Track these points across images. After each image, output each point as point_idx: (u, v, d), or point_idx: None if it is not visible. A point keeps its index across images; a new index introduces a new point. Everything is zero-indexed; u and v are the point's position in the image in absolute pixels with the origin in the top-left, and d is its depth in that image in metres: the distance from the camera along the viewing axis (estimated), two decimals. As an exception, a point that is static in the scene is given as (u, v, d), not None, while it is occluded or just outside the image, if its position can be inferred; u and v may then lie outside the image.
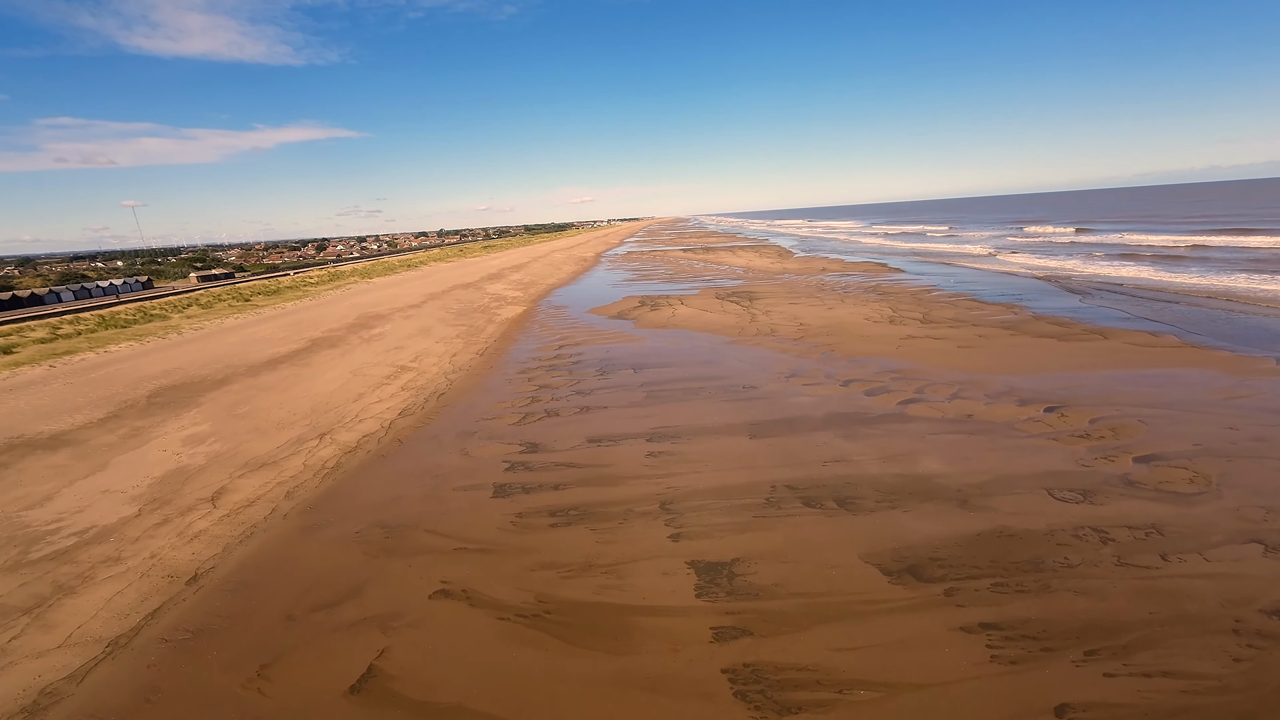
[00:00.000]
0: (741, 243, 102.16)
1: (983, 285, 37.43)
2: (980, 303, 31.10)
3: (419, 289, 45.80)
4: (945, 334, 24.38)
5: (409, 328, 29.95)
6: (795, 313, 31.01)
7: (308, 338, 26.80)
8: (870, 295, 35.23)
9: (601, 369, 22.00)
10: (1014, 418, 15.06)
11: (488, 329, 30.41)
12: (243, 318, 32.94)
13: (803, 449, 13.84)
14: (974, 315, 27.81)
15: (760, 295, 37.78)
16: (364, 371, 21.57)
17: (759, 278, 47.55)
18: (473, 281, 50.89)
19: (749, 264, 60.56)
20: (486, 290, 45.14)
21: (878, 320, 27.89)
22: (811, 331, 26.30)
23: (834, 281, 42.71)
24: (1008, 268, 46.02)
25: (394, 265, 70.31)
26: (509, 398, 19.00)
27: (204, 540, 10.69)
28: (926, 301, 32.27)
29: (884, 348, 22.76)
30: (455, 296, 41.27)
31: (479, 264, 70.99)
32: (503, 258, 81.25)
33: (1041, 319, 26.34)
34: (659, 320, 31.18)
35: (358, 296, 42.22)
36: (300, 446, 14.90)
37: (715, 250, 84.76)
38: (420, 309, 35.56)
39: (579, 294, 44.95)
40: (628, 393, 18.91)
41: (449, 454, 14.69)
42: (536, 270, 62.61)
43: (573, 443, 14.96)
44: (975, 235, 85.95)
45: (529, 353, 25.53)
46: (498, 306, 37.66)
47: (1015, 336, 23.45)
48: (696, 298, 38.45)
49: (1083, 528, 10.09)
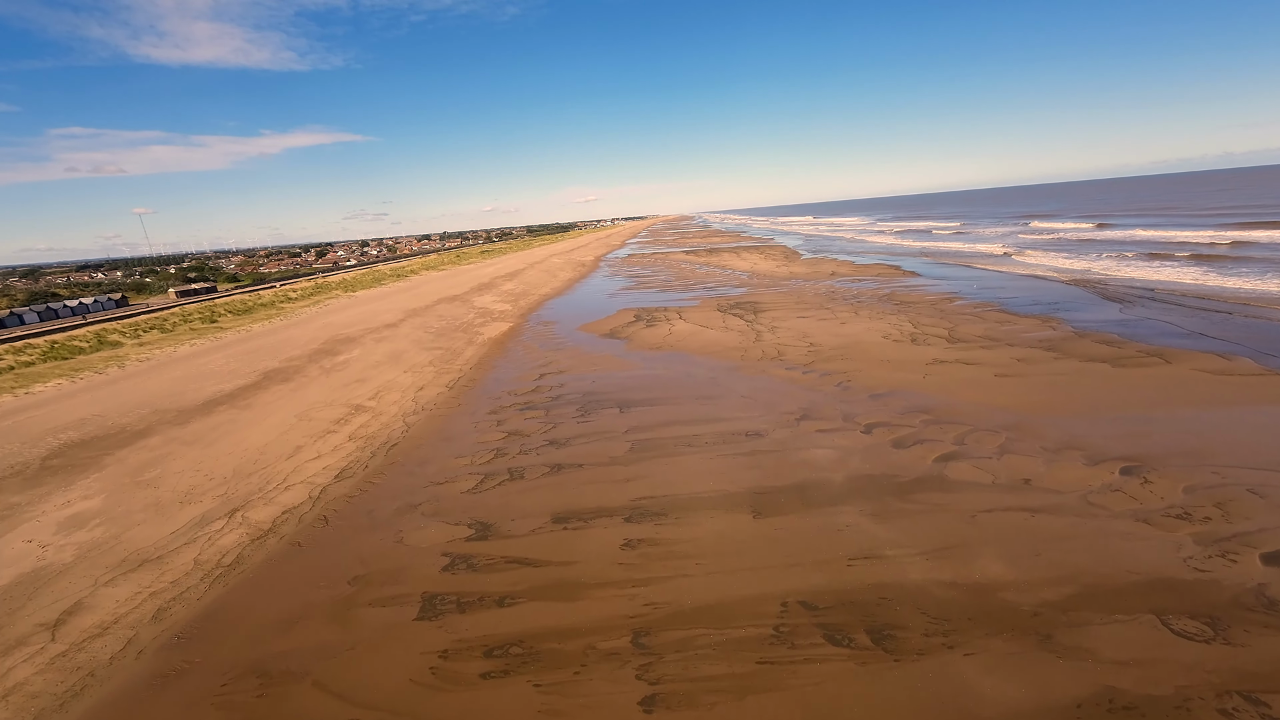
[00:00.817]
0: (746, 243, 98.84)
1: (1008, 292, 34.15)
2: (1010, 315, 27.88)
3: (401, 303, 43.02)
4: (978, 357, 21.24)
5: (378, 353, 27.15)
6: (804, 329, 27.94)
7: (261, 370, 24.04)
8: (886, 306, 32.06)
9: (583, 407, 19.06)
10: (1084, 483, 11.98)
11: (465, 353, 27.55)
12: (200, 343, 30.20)
13: (821, 536, 10.84)
14: (1006, 331, 24.63)
15: (765, 306, 34.72)
16: (312, 414, 18.76)
17: (764, 284, 44.44)
18: (460, 294, 48.05)
19: (753, 268, 57.42)
20: (473, 304, 42.30)
21: (897, 339, 24.77)
22: (824, 354, 23.25)
23: (845, 289, 39.52)
24: (1031, 270, 42.64)
25: (383, 275, 67.64)
26: (470, 450, 16.10)
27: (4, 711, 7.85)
28: (949, 313, 29.07)
29: (908, 376, 19.68)
30: (438, 312, 38.45)
31: (472, 272, 68.19)
32: (498, 264, 78.45)
33: (1085, 336, 23.13)
34: (654, 340, 28.21)
35: (334, 314, 39.44)
36: (201, 530, 12.07)
37: (718, 252, 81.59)
38: (396, 329, 32.76)
39: (571, 306, 42.03)
40: (609, 443, 15.96)
41: (380, 540, 11.81)
42: (531, 278, 59.72)
43: (534, 522, 12.04)
44: (988, 232, 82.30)
45: (505, 384, 22.64)
46: (482, 324, 34.80)
47: (1060, 360, 20.28)
48: (697, 310, 35.43)
49: (1228, 693, 7.05)
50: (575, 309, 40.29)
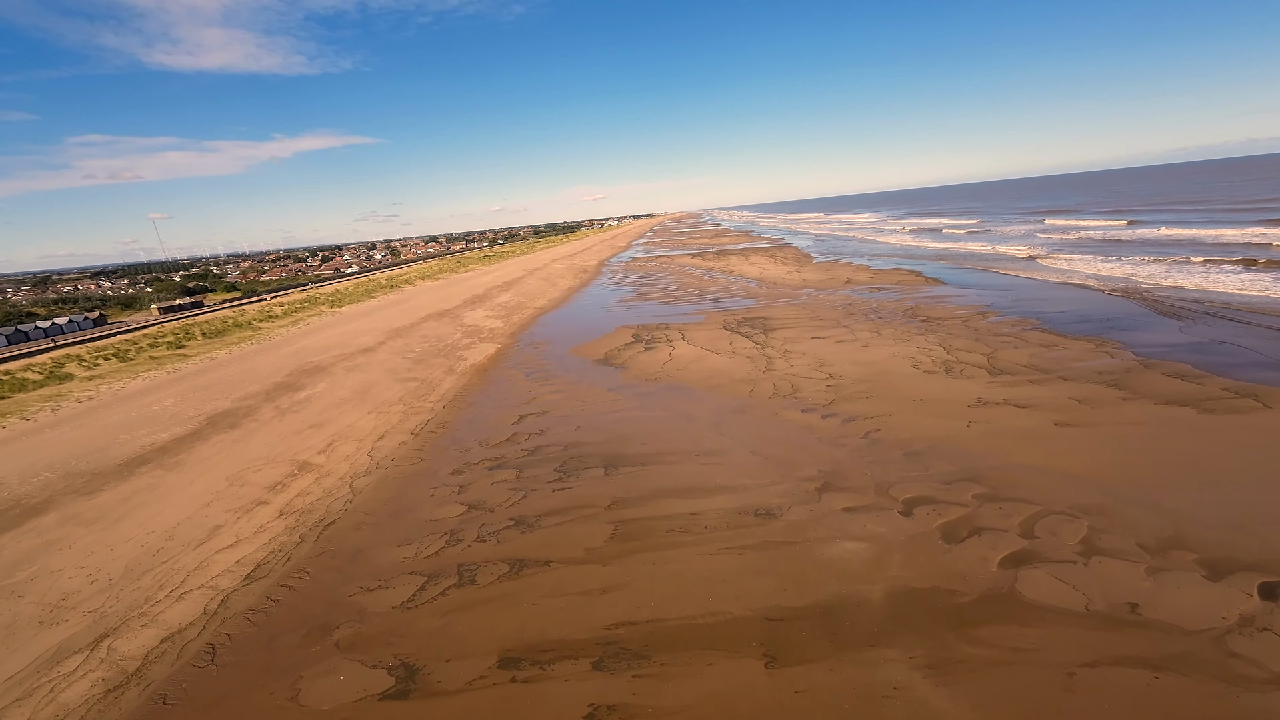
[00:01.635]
0: (754, 244, 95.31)
1: (1047, 305, 30.64)
2: (1056, 336, 24.47)
3: (385, 321, 40.21)
4: (1029, 396, 17.96)
5: (346, 387, 24.37)
6: (821, 353, 24.75)
7: (208, 412, 21.32)
8: (911, 324, 28.71)
9: (563, 465, 16.07)
10: (1214, 614, 8.78)
11: (443, 385, 24.67)
12: (156, 376, 27.50)
13: (860, 708, 7.78)
14: (1056, 359, 21.27)
15: (777, 323, 31.52)
16: (247, 476, 15.96)
17: (775, 294, 41.18)
18: (451, 307, 45.23)
19: (763, 274, 54.12)
20: (463, 320, 39.45)
21: (929, 368, 21.52)
22: (845, 389, 20.08)
23: (863, 300, 36.18)
24: (1065, 277, 38.97)
25: (377, 285, 64.92)
26: (418, 534, 13.17)
27: None
28: (985, 334, 25.71)
29: (948, 424, 16.47)
30: (422, 332, 35.63)
31: (468, 281, 65.32)
32: (497, 272, 75.54)
33: (1153, 367, 19.72)
34: (652, 368, 25.15)
35: (310, 336, 36.62)
36: (45, 675, 9.25)
37: (726, 254, 78.25)
38: (373, 355, 29.97)
39: (567, 322, 39.05)
40: (587, 525, 12.96)
41: (270, 696, 8.92)
42: (528, 288, 56.82)
43: (475, 666, 9.07)
44: (1008, 230, 78.13)
45: (479, 429, 19.71)
46: (468, 346, 31.94)
47: (1130, 403, 16.95)
48: (701, 328, 32.32)
49: None
50: (570, 326, 37.31)
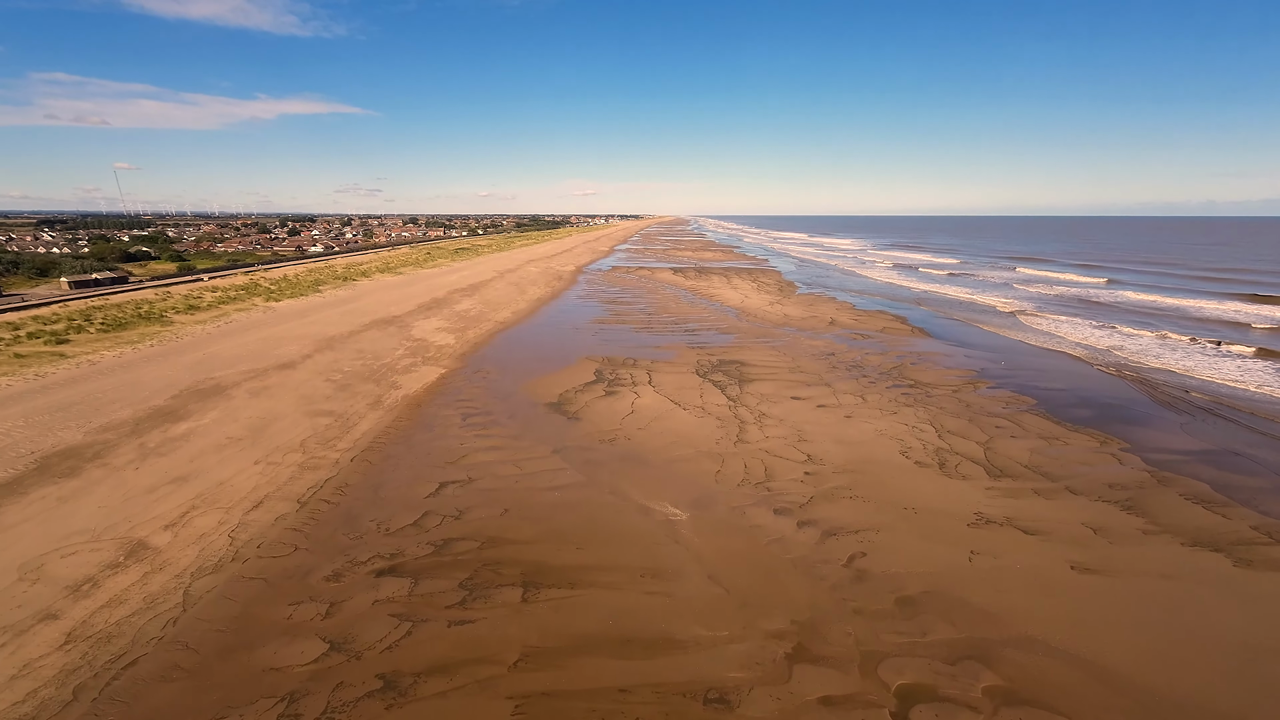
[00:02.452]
0: (738, 263, 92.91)
1: (1039, 378, 28.39)
2: (1054, 424, 22.01)
3: (321, 326, 35.68)
4: (1036, 516, 15.22)
5: (242, 418, 20.38)
6: (800, 421, 21.80)
7: (46, 449, 16.98)
8: (899, 390, 26.01)
9: (472, 578, 12.57)
10: None
11: (363, 423, 20.89)
12: (7, 384, 22.86)
13: None
14: (1059, 460, 18.70)
15: (754, 371, 28.53)
16: (50, 564, 12.02)
17: (755, 330, 38.30)
18: (402, 314, 41.00)
19: (744, 302, 51.39)
20: (411, 332, 35.38)
21: (921, 458, 18.71)
22: (826, 481, 17.11)
23: (846, 350, 33.53)
24: (1054, 342, 37.06)
25: (330, 276, 59.45)
26: (242, 699, 9.57)
27: None
28: (978, 411, 23.14)
29: (946, 554, 13.58)
30: (360, 344, 31.53)
31: (430, 280, 60.59)
32: (464, 271, 70.75)
33: (1168, 482, 17.25)
34: (610, 420, 21.83)
35: (226, 339, 31.89)
36: None
37: (708, 273, 75.51)
38: (292, 372, 25.88)
39: (527, 344, 35.39)
40: (478, 700, 9.51)
41: None
42: (494, 295, 52.81)
43: None
44: (988, 276, 77.17)
45: (384, 500, 16.04)
46: (408, 367, 28.06)
47: (1152, 539, 14.34)
48: (672, 368, 29.13)
49: None
50: (530, 350, 33.69)
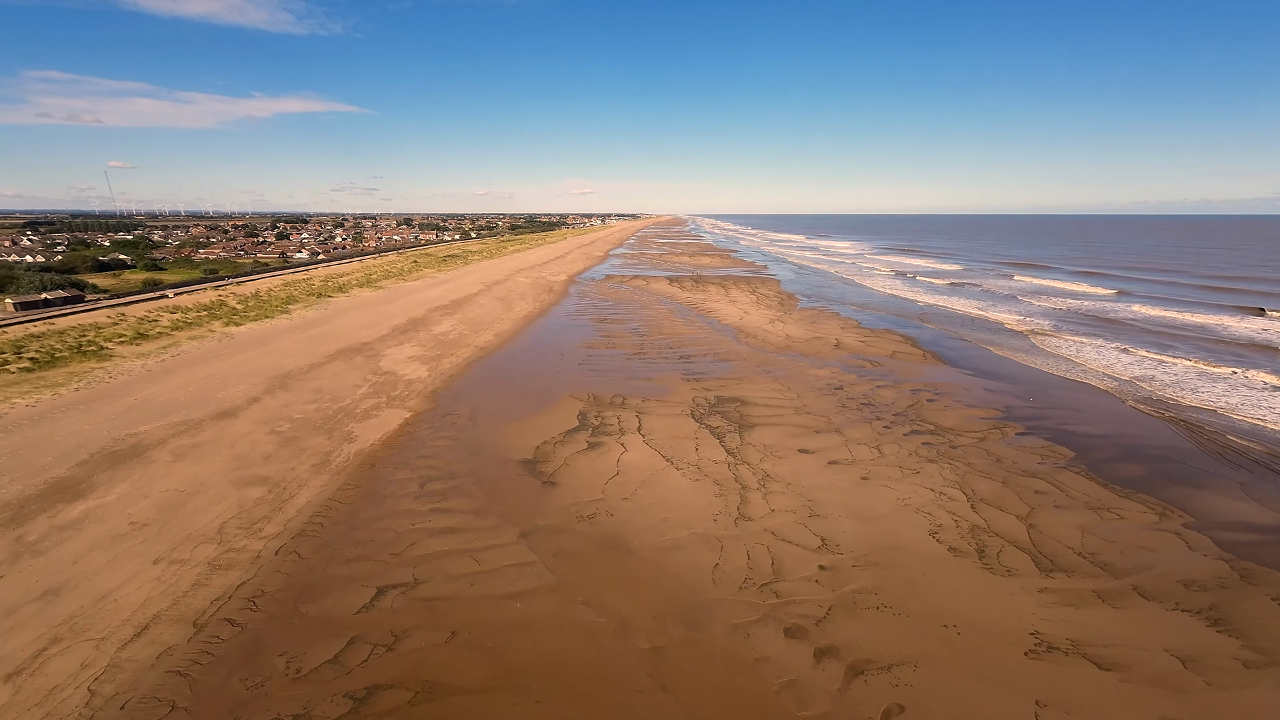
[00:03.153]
0: (736, 270, 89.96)
1: (1071, 419, 25.42)
2: (1102, 487, 19.06)
3: (280, 357, 32.10)
4: (1107, 635, 12.28)
5: (157, 491, 17.29)
6: (811, 486, 18.84)
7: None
8: (919, 438, 23.02)
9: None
10: None
11: (301, 493, 17.80)
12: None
13: None
14: (1119, 540, 15.77)
15: (756, 413, 25.52)
16: None
17: (755, 356, 35.31)
18: (374, 339, 37.77)
19: (743, 319, 48.44)
20: (381, 362, 32.26)
21: (955, 542, 15.75)
22: (845, 580, 14.15)
23: (855, 382, 30.56)
24: (1077, 371, 34.10)
25: (305, 292, 55.40)
26: None
27: None
28: (1012, 469, 20.19)
29: (1006, 705, 10.64)
30: (319, 381, 28.34)
31: (412, 295, 56.85)
32: (449, 284, 67.01)
33: (1253, 579, 14.31)
34: (590, 487, 18.81)
35: (167, 377, 27.79)
36: None
37: (705, 283, 72.51)
38: (233, 421, 22.75)
39: (506, 375, 32.26)
40: None
41: None
42: (478, 311, 49.66)
43: None
44: (993, 287, 74.10)
45: (293, 630, 12.86)
46: (368, 411, 24.98)
47: (1258, 678, 11.42)
48: (665, 408, 26.11)
49: None
50: (508, 384, 30.59)
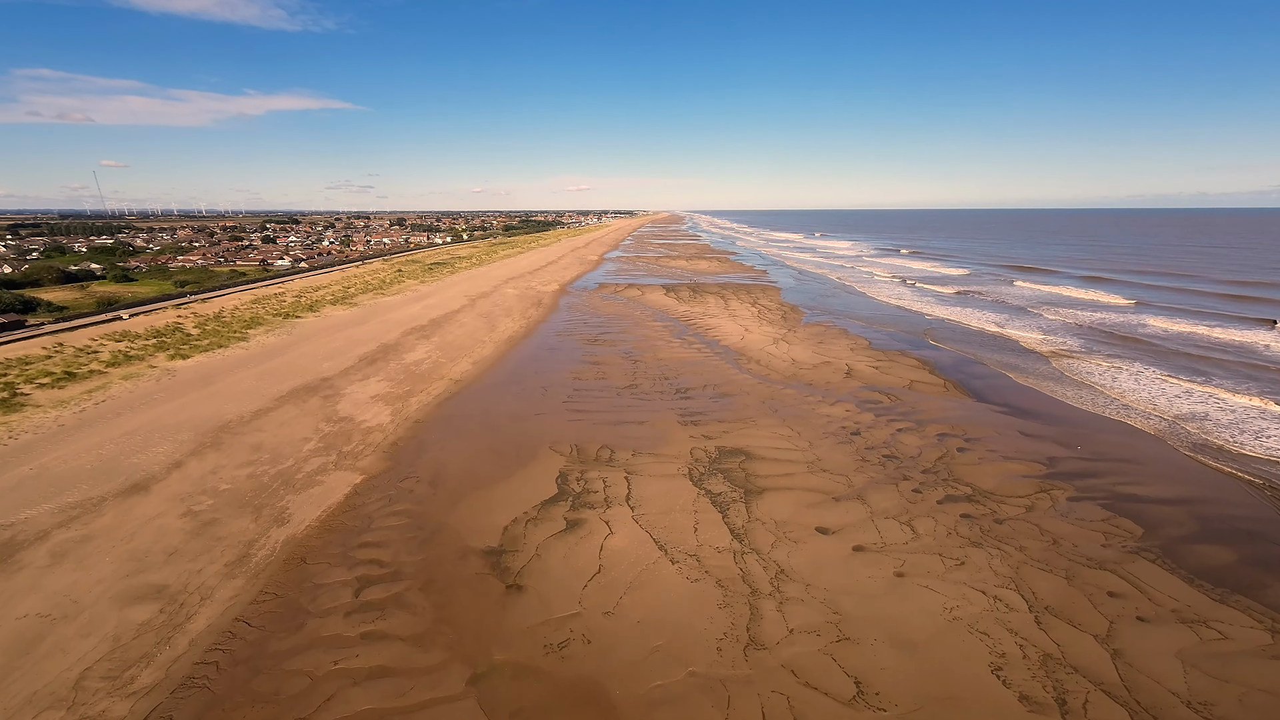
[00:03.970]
0: (734, 275, 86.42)
1: (1129, 476, 21.90)
2: (1192, 588, 15.57)
3: (222, 402, 27.41)
4: None
5: (3, 630, 13.63)
6: (836, 590, 15.30)
7: None
8: (955, 506, 19.44)
9: None
10: None
11: (190, 624, 13.99)
12: None
13: None
14: (1235, 679, 12.37)
15: (764, 471, 21.94)
16: None
17: (760, 389, 31.72)
18: (338, 372, 33.73)
19: (744, 339, 44.89)
20: (339, 404, 28.44)
21: (1026, 686, 12.26)
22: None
23: (872, 424, 26.98)
24: (1119, 410, 30.48)
25: (276, 308, 50.69)
26: None
27: None
28: (1076, 557, 16.68)
29: None
30: (259, 436, 24.36)
31: (390, 314, 51.85)
32: (431, 299, 61.96)
33: None
34: (565, 592, 15.16)
35: (85, 432, 22.71)
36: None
37: (704, 292, 68.84)
38: (145, 497, 18.94)
39: (479, 420, 28.49)
40: None
41: None
42: (458, 333, 45.81)
43: None
44: (1002, 295, 70.36)
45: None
46: (313, 474, 21.28)
47: None
48: (659, 464, 22.53)
49: None
50: (482, 430, 26.87)
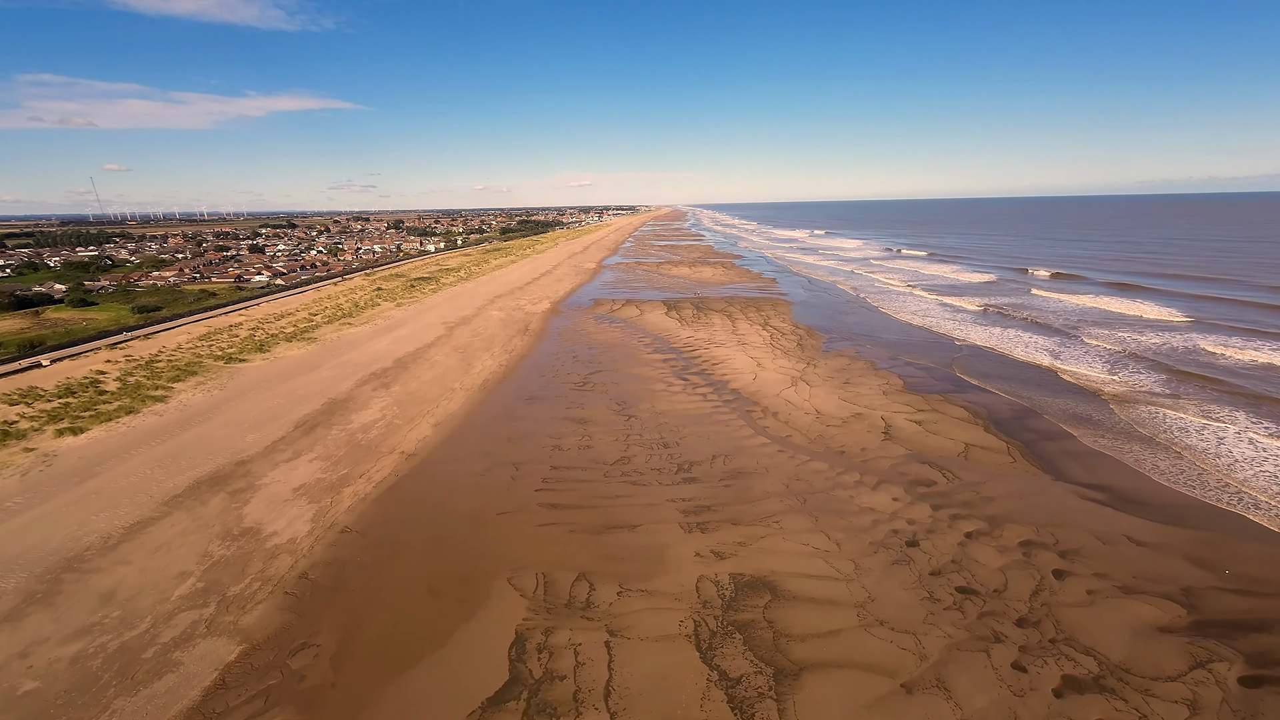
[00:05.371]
0: (742, 287, 79.76)
1: None
2: None
3: (97, 510, 20.06)
4: None
5: None
6: None
7: None
8: (1090, 713, 13.03)
9: None
10: None
11: None
12: None
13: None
14: None
15: (796, 620, 15.49)
16: None
17: (780, 458, 25.15)
18: (264, 449, 27.34)
19: (756, 377, 38.35)
20: (248, 506, 22.01)
21: None
22: None
23: (933, 526, 20.40)
24: (1253, 505, 23.86)
25: (218, 352, 42.48)
26: None
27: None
28: None
29: None
30: (116, 576, 17.67)
31: (349, 355, 43.85)
32: (404, 328, 52.85)
33: None
34: None
35: None
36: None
37: (709, 310, 62.21)
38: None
39: (426, 523, 22.11)
40: None
41: None
42: (428, 377, 39.34)
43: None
44: (1038, 310, 63.07)
45: None
46: (174, 645, 14.96)
47: None
48: (653, 621, 16.11)
49: None
50: (424, 546, 20.33)
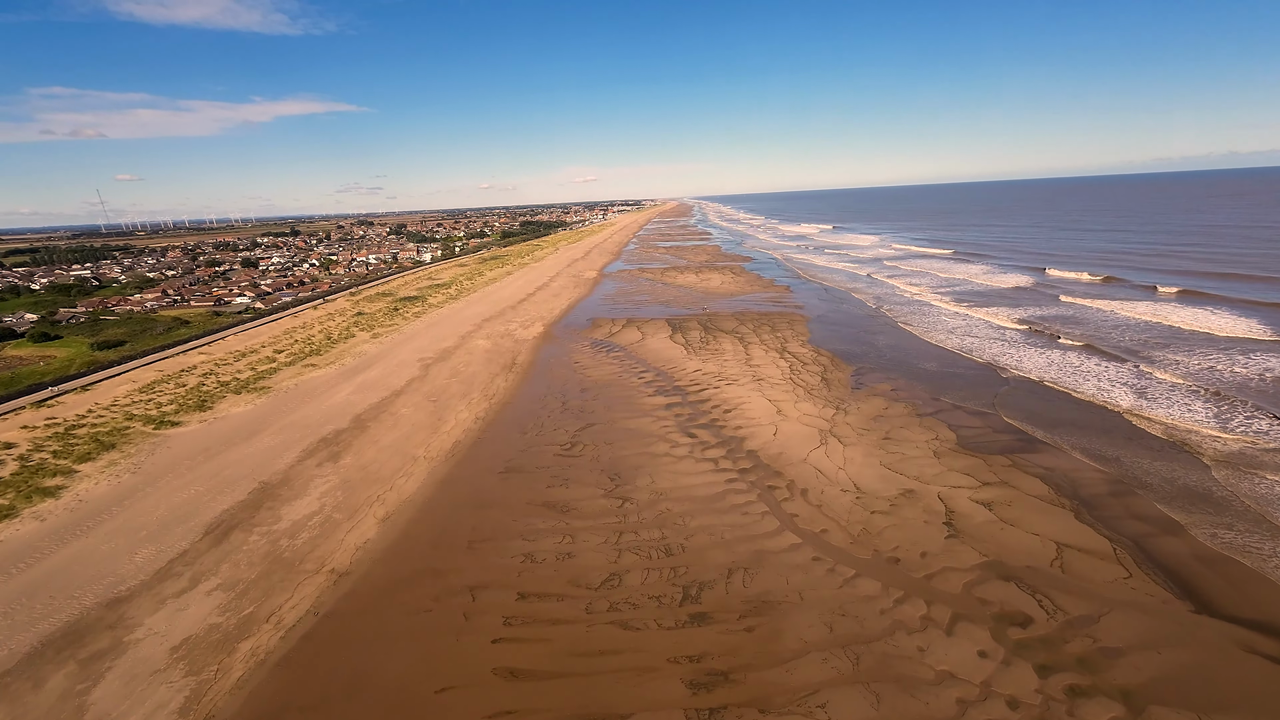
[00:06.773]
0: (753, 299, 73.19)
1: None
2: None
3: None
4: None
5: None
6: None
7: None
8: None
9: None
10: None
11: None
12: None
13: None
14: None
15: None
16: None
17: (814, 570, 19.01)
18: (154, 573, 20.93)
19: (777, 431, 32.13)
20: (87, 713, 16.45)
21: None
22: None
23: (1040, 714, 14.29)
24: None
25: (151, 413, 35.17)
26: None
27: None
28: None
29: None
30: None
31: (309, 405, 37.22)
32: (380, 364, 46.81)
33: None
34: None
35: None
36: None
37: (718, 333, 55.80)
38: None
39: (356, 687, 16.38)
40: None
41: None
42: (387, 441, 33.35)
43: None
44: (1103, 322, 56.11)
45: None
46: None
47: None
48: None
49: None
50: None
